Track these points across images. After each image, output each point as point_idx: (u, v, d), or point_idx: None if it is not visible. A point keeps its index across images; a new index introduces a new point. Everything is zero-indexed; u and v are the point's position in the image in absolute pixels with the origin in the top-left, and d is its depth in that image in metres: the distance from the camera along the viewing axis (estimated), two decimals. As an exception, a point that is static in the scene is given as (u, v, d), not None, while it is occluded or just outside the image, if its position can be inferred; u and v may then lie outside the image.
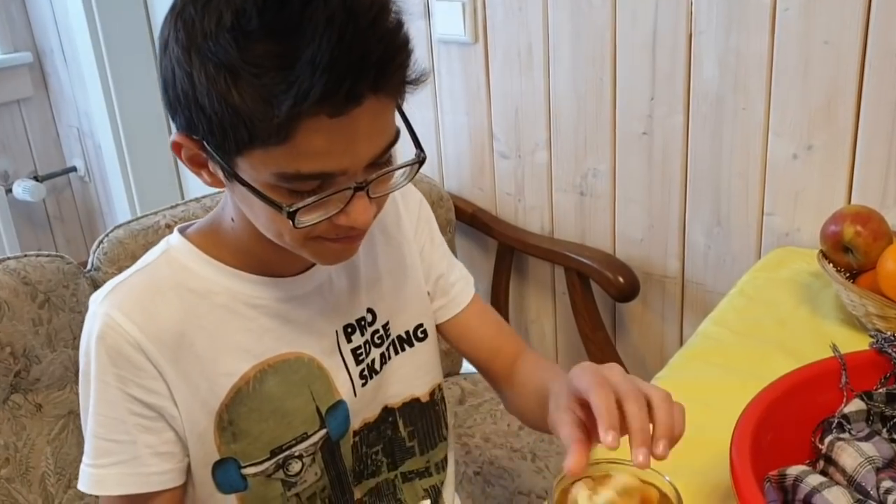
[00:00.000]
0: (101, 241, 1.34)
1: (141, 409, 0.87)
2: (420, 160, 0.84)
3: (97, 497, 1.14)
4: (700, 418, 1.00)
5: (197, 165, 0.82)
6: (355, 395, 0.99)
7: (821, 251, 1.25)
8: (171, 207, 1.42)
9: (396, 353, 1.05)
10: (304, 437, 0.96)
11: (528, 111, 1.80)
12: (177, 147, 0.81)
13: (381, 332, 1.02)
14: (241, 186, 0.78)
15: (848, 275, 1.22)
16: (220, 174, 0.80)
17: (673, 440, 0.70)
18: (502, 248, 1.94)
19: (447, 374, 1.73)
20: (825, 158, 1.44)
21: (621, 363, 1.79)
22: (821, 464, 0.77)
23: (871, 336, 0.87)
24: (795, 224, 1.51)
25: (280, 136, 0.71)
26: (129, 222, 1.38)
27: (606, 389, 0.71)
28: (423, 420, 1.09)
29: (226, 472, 0.93)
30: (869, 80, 1.35)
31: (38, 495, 1.22)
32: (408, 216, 1.08)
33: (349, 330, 0.99)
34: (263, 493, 0.95)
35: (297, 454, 0.96)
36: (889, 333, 0.86)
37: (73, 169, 3.07)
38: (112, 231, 1.35)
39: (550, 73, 1.73)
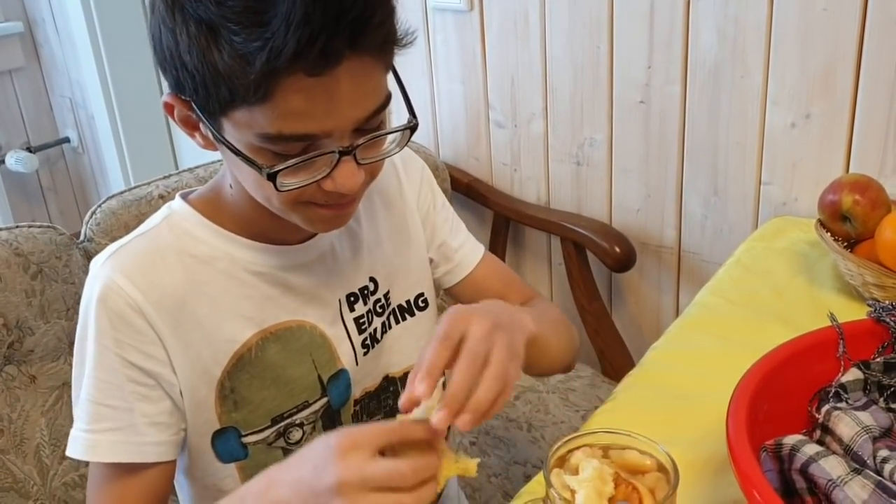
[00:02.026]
0: (93, 212, 1.33)
1: (138, 376, 0.86)
2: (411, 126, 0.82)
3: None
4: (696, 388, 1.00)
5: (190, 127, 0.82)
6: (357, 363, 0.99)
7: (818, 220, 1.24)
8: (165, 178, 1.41)
9: (397, 322, 1.04)
10: (306, 405, 0.96)
11: (524, 80, 1.78)
12: (168, 108, 0.81)
13: (383, 300, 1.02)
14: (227, 148, 0.78)
15: (846, 244, 1.21)
16: (210, 135, 0.80)
17: (478, 415, 0.70)
18: (498, 219, 1.93)
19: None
20: (823, 127, 1.43)
21: (617, 333, 1.79)
22: (817, 433, 0.77)
23: (869, 305, 0.86)
24: (793, 194, 1.50)
25: (259, 94, 0.71)
26: (123, 192, 1.37)
27: (444, 345, 0.72)
28: None
29: (226, 442, 0.93)
30: (868, 48, 1.34)
31: (32, 466, 1.22)
32: (409, 183, 1.07)
33: (352, 299, 0.98)
34: (264, 462, 0.95)
35: (297, 422, 0.96)
36: (887, 302, 0.85)
37: (67, 140, 3.04)
38: (105, 202, 1.34)
39: (547, 41, 1.71)
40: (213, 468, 0.94)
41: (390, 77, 0.81)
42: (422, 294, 1.06)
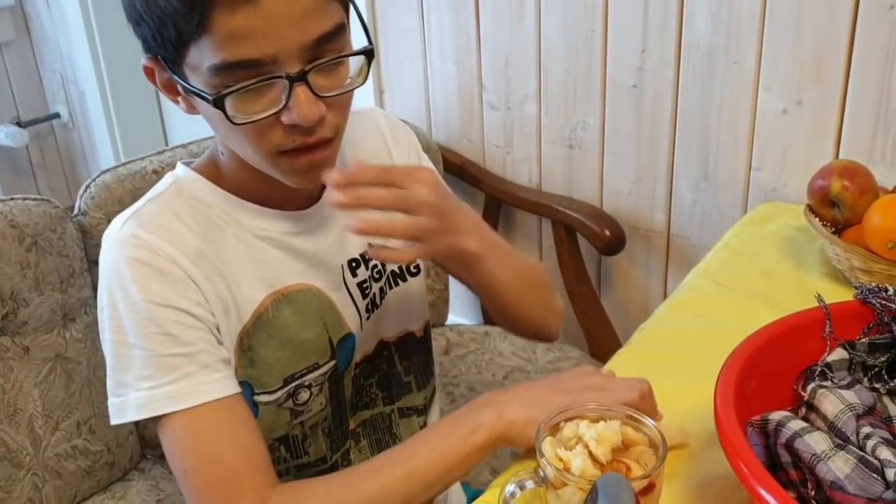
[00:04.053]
0: (88, 186, 1.33)
1: (191, 321, 0.86)
2: (366, 51, 0.83)
3: (85, 439, 1.13)
4: (684, 367, 1.02)
5: (172, 92, 0.84)
6: (361, 328, 1.01)
7: (807, 205, 1.25)
8: (159, 153, 1.41)
9: (391, 287, 1.05)
10: (316, 366, 0.97)
11: (518, 61, 1.79)
12: (148, 72, 0.84)
13: (379, 266, 1.03)
14: (192, 97, 0.80)
15: (834, 229, 1.22)
16: (181, 89, 0.82)
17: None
18: (490, 201, 1.94)
19: (433, 325, 1.74)
20: (814, 114, 1.44)
21: (605, 316, 1.81)
22: (802, 410, 0.79)
23: (856, 287, 0.88)
24: (783, 179, 1.52)
25: (196, 22, 0.73)
26: (117, 167, 1.37)
27: None
28: (417, 355, 1.10)
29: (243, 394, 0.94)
30: (860, 35, 1.35)
31: (25, 436, 1.22)
32: (398, 150, 1.07)
33: (353, 264, 1.00)
34: (272, 422, 0.97)
35: (307, 384, 0.97)
36: (874, 285, 0.87)
37: (57, 115, 3.03)
38: (99, 176, 1.34)
39: (542, 22, 1.72)
40: None
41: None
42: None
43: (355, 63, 0.83)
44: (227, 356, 0.89)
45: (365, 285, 1.01)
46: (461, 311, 2.17)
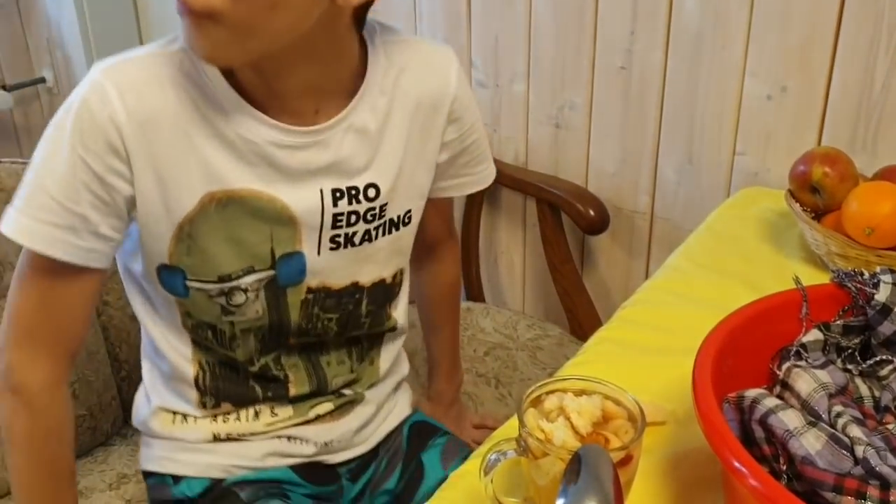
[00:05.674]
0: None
1: (98, 188, 0.88)
2: None
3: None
4: (663, 345, 1.04)
5: None
6: (319, 254, 1.00)
7: (788, 191, 1.27)
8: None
9: (384, 234, 1.04)
10: (251, 270, 0.97)
11: (508, 39, 1.79)
12: None
13: (377, 210, 1.02)
14: None
15: (813, 215, 1.25)
16: None
17: None
18: (476, 178, 1.95)
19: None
20: (798, 100, 1.46)
21: (587, 295, 1.83)
22: (777, 388, 0.81)
23: (832, 271, 0.90)
24: (766, 164, 1.54)
25: None
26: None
27: None
28: (382, 298, 1.11)
29: (171, 278, 0.96)
30: (846, 24, 1.37)
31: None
32: (446, 114, 1.06)
33: (337, 195, 0.98)
34: (202, 307, 0.99)
35: (242, 287, 0.97)
36: (850, 269, 0.89)
37: (42, 80, 3.00)
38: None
39: (532, 1, 1.72)
40: (157, 293, 0.99)
41: None
42: (409, 210, 1.07)
43: None
44: (109, 234, 0.91)
45: (340, 217, 0.99)
46: (444, 286, 2.18)
